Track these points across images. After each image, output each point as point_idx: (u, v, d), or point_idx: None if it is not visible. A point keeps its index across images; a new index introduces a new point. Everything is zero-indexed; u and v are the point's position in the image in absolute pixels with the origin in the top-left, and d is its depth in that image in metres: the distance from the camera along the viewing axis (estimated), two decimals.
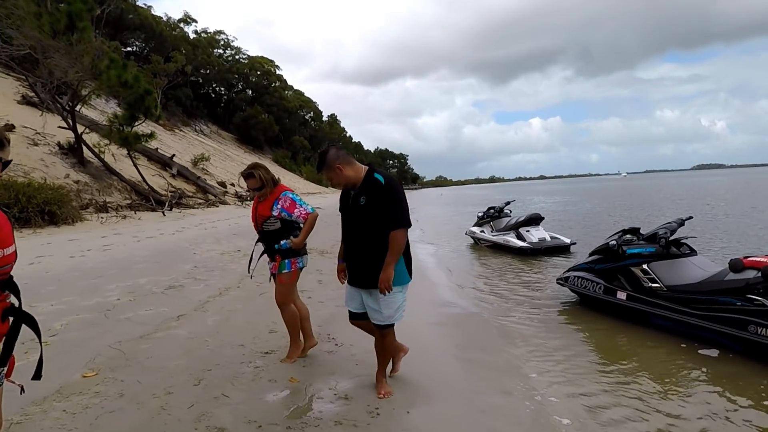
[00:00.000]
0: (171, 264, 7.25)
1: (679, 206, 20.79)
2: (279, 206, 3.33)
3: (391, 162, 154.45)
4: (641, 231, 5.04)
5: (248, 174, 3.38)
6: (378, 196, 2.65)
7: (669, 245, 4.50)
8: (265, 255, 3.50)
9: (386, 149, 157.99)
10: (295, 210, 3.34)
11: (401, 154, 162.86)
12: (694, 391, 3.33)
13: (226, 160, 42.38)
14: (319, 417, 2.76)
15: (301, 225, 3.39)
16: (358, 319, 3.02)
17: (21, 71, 15.77)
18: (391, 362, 3.20)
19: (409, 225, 2.71)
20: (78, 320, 4.47)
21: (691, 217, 5.10)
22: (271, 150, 64.16)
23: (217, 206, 20.51)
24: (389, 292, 2.70)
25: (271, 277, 3.51)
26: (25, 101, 18.58)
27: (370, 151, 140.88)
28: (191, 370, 3.37)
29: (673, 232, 4.58)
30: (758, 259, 3.78)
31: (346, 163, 2.74)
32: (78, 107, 19.43)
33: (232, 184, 30.08)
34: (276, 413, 2.79)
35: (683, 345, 4.09)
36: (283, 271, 3.40)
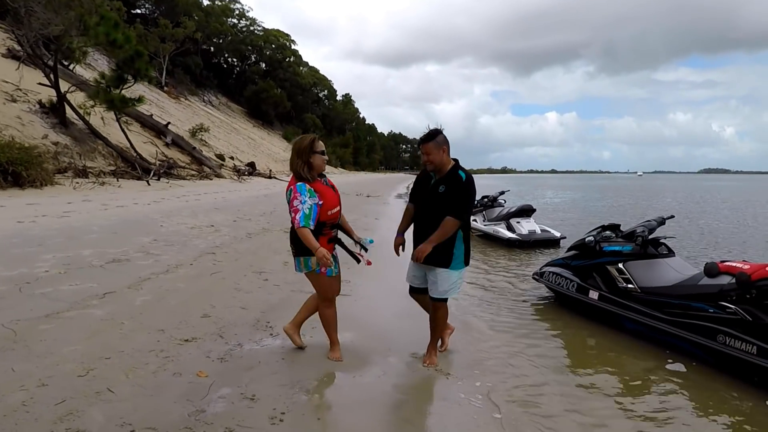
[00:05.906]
0: (128, 236, 6.79)
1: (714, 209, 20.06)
2: None
3: (404, 147, 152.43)
4: (621, 228, 4.76)
5: None
6: (455, 189, 2.99)
7: (646, 244, 4.24)
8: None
9: (400, 133, 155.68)
10: None
11: (414, 139, 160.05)
12: (654, 404, 3.01)
13: (232, 133, 41.79)
14: (209, 422, 2.35)
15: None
16: (417, 293, 3.38)
17: (6, 23, 14.85)
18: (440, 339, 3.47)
19: (466, 221, 3.06)
20: None
21: (672, 216, 4.91)
22: (281, 126, 63.18)
23: (211, 179, 19.97)
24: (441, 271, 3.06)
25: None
26: (11, 55, 17.75)
27: (383, 134, 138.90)
28: (86, 357, 2.95)
29: (651, 230, 4.34)
30: (734, 264, 3.53)
31: (447, 149, 3.04)
32: (72, 66, 18.79)
33: (232, 158, 29.59)
34: (161, 415, 2.39)
35: (654, 354, 3.77)
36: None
